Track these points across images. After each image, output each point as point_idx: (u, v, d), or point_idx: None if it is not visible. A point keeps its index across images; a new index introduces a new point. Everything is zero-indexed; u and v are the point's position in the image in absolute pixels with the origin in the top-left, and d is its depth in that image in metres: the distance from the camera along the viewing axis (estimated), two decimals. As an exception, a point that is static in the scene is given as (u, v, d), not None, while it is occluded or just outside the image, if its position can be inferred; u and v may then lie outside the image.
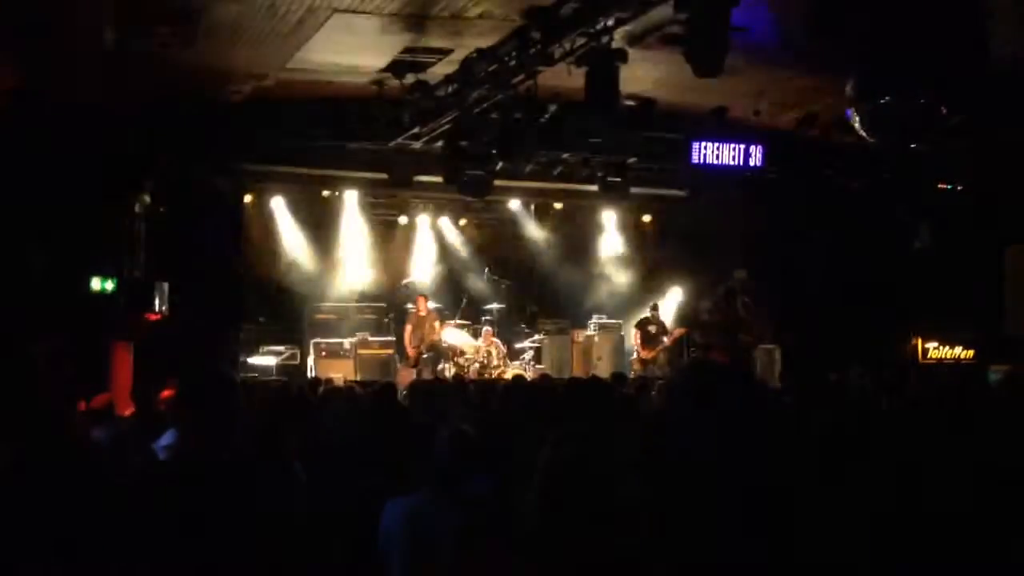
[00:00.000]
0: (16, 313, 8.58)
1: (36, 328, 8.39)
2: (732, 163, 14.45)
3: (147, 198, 12.30)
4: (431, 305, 16.89)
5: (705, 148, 14.21)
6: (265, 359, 16.00)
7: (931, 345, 16.50)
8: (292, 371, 15.99)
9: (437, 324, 16.58)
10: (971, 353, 16.37)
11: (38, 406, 2.78)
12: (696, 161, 14.32)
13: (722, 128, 14.44)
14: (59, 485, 2.66)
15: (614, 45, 10.08)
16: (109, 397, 10.11)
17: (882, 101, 8.58)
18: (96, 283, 10.48)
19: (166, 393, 8.52)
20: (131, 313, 11.11)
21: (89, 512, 2.57)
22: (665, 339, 17.04)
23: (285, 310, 17.09)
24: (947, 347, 16.53)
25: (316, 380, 12.64)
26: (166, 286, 11.95)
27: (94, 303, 10.42)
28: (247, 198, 16.61)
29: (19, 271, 9.95)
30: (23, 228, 10.55)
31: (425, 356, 16.35)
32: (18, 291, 9.50)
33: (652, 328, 17.08)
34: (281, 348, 16.45)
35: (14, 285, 9.61)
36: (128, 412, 8.78)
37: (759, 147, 14.56)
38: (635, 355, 17.09)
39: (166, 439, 4.13)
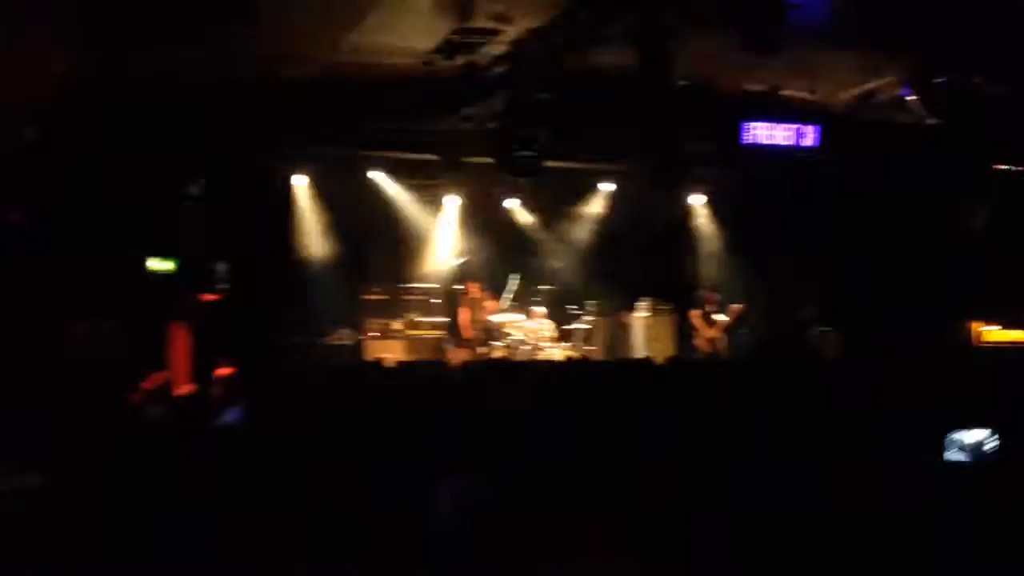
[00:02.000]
0: (78, 294, 8.77)
1: (98, 308, 8.58)
2: (785, 143, 14.27)
3: (203, 180, 12.48)
4: (477, 286, 16.96)
5: (757, 128, 14.05)
6: (317, 340, 16.15)
7: (987, 328, 16.23)
8: (344, 352, 16.16)
9: (488, 304, 16.64)
10: (1029, 336, 16.10)
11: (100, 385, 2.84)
12: (748, 141, 14.17)
13: (775, 108, 14.28)
14: (123, 462, 2.72)
15: (666, 23, 10.01)
16: (166, 376, 10.32)
17: (940, 79, 8.42)
18: (155, 264, 10.65)
19: (220, 371, 8.68)
20: (189, 294, 11.28)
21: (152, 489, 2.63)
22: (723, 317, 16.97)
23: (336, 291, 17.24)
24: (1004, 330, 16.25)
25: (365, 361, 12.78)
26: (222, 267, 12.12)
27: (153, 284, 10.60)
28: (299, 179, 16.75)
29: (82, 252, 10.17)
30: (85, 210, 10.77)
31: (476, 337, 16.43)
32: (81, 272, 9.70)
33: (711, 306, 17.02)
34: (333, 329, 16.60)
35: (77, 266, 9.82)
36: (186, 391, 8.95)
37: (813, 127, 14.37)
38: (699, 335, 17.02)
39: (229, 416, 4.21)
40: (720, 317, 17.01)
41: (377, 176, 17.06)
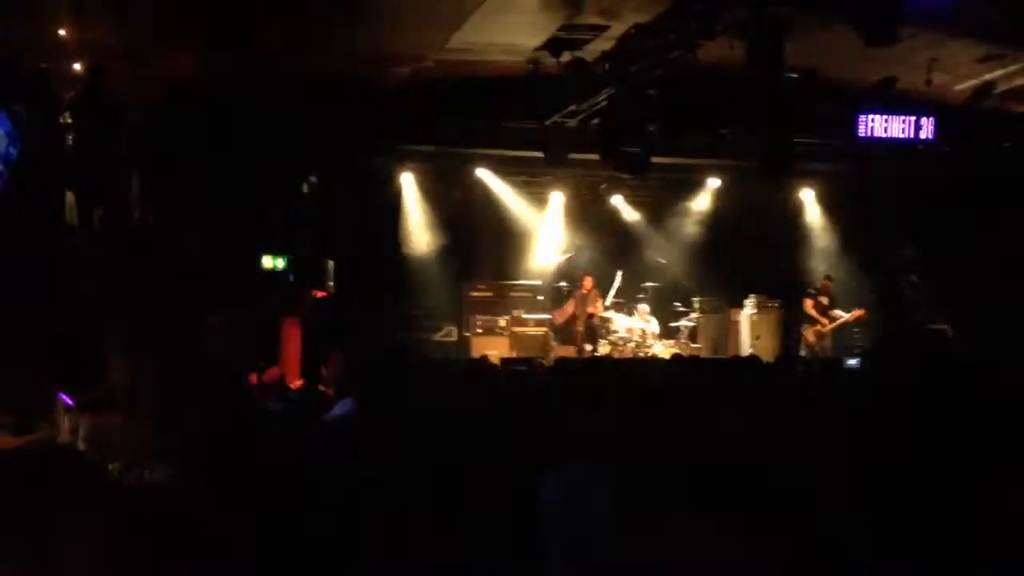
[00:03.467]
0: (194, 290, 9.03)
1: (213, 304, 8.81)
2: (902, 136, 13.85)
3: (313, 178, 12.73)
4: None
5: (873, 121, 13.66)
6: (422, 336, 16.32)
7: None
8: (449, 348, 16.30)
9: (600, 303, 16.57)
10: None
11: (217, 378, 2.89)
12: (863, 134, 13.80)
13: (891, 100, 13.87)
14: (240, 455, 2.76)
15: (777, 15, 9.81)
16: (280, 370, 10.53)
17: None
18: (268, 261, 10.89)
19: (326, 366, 8.79)
20: (300, 290, 11.51)
21: (270, 482, 2.67)
22: (841, 313, 16.57)
23: (441, 288, 17.39)
24: None
25: (471, 358, 12.85)
26: (331, 264, 12.33)
27: (266, 280, 10.85)
28: (406, 177, 16.97)
29: (197, 250, 10.47)
30: (200, 209, 11.10)
31: (582, 334, 16.37)
32: (196, 269, 9.99)
33: (824, 299, 16.61)
34: (437, 325, 16.75)
35: (193, 263, 10.12)
36: (297, 385, 9.12)
37: (930, 119, 13.91)
38: (808, 328, 16.62)
39: (340, 408, 4.26)
40: (838, 312, 16.59)
41: (483, 173, 17.15)
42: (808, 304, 16.69)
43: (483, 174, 17.19)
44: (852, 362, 12.57)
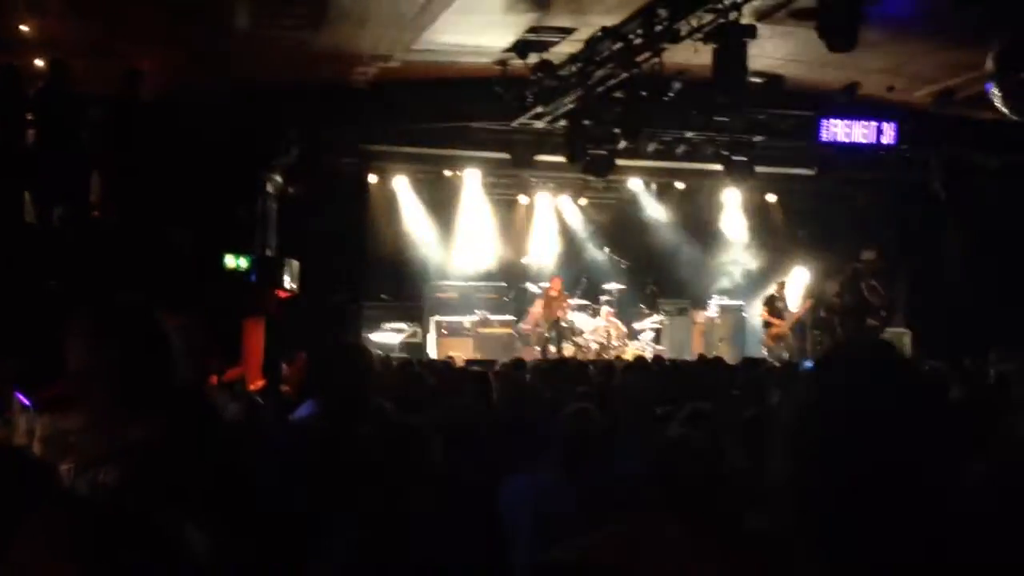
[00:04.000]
0: (155, 289, 8.93)
1: (174, 304, 8.72)
2: (863, 141, 14.03)
3: (278, 178, 12.63)
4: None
5: (835, 126, 13.82)
6: (387, 336, 16.27)
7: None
8: (414, 349, 16.26)
9: (566, 305, 16.59)
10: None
11: (177, 379, 2.87)
12: (825, 139, 13.96)
13: (853, 105, 14.02)
14: (203, 457, 2.74)
15: (743, 21, 9.88)
16: (241, 371, 10.46)
17: (1025, 75, 8.17)
18: (231, 260, 10.79)
19: (287, 368, 8.75)
20: (263, 290, 11.41)
21: (233, 484, 2.65)
22: (793, 311, 16.77)
23: (407, 288, 17.35)
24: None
25: (436, 359, 12.81)
26: (295, 264, 12.25)
27: (228, 280, 10.74)
28: (372, 178, 16.93)
29: (159, 248, 10.35)
30: (162, 208, 10.98)
31: (546, 335, 16.38)
32: (158, 268, 9.88)
33: (779, 304, 16.81)
34: (402, 326, 16.70)
35: (154, 262, 10.00)
36: (258, 385, 9.06)
37: (892, 124, 14.09)
38: (767, 333, 16.82)
39: (303, 410, 4.22)
40: (790, 311, 16.79)
41: (449, 173, 17.15)
42: (764, 312, 16.90)
43: (449, 175, 17.18)
44: (808, 364, 12.68)
